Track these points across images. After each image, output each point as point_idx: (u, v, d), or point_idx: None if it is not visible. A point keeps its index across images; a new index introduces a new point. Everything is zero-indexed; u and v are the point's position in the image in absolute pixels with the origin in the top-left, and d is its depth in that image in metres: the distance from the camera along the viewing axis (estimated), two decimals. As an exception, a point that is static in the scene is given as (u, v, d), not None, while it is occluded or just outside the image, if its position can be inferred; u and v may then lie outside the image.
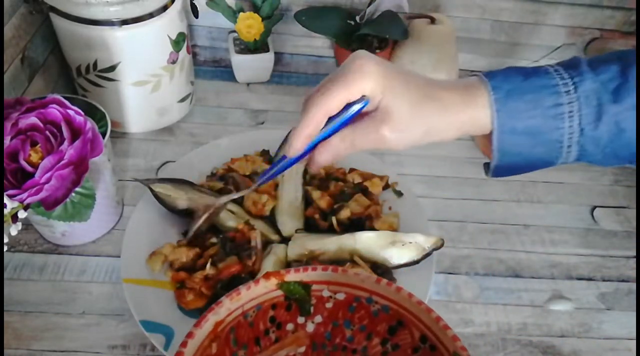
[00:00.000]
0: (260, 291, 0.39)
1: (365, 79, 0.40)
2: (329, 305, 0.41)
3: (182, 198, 0.61)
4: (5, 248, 0.48)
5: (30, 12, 0.66)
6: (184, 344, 0.35)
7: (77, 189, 0.52)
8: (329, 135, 0.42)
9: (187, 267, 0.58)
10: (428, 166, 0.77)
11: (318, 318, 0.42)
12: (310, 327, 0.42)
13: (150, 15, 0.66)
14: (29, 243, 0.62)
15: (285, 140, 0.70)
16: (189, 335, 0.35)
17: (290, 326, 0.42)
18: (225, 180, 0.66)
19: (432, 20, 0.79)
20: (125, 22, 0.64)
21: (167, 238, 0.61)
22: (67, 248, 0.62)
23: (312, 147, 0.43)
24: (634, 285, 0.65)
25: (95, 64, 0.68)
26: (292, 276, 0.39)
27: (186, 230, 0.62)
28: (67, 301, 0.57)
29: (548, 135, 0.40)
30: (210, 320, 0.37)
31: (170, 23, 0.69)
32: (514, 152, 0.41)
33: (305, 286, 0.40)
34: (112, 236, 0.63)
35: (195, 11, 0.77)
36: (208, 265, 0.56)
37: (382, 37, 0.82)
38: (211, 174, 0.68)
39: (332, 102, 0.40)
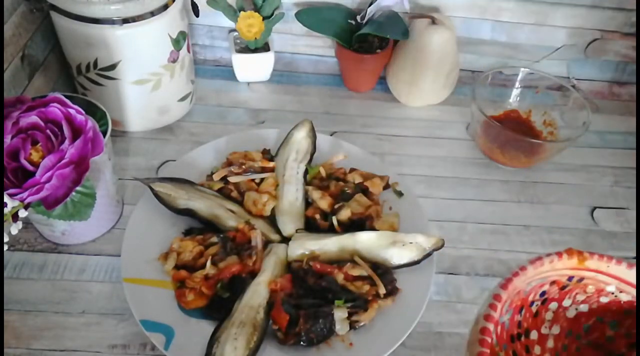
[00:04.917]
0: (558, 266, 0.37)
1: None
2: (603, 299, 0.38)
3: (182, 198, 0.61)
4: (5, 247, 0.48)
5: (31, 10, 0.66)
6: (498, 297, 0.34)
7: (78, 188, 0.51)
8: None
9: (188, 266, 0.58)
10: (428, 166, 0.77)
11: (583, 307, 0.39)
12: (571, 312, 0.39)
13: (151, 14, 0.66)
14: (28, 242, 0.62)
15: (285, 140, 0.70)
16: (504, 285, 0.34)
17: (553, 306, 0.39)
18: (225, 179, 0.65)
19: (433, 21, 0.79)
20: (126, 20, 0.64)
21: (167, 237, 0.60)
22: (67, 247, 0.62)
23: None
24: (633, 286, 0.65)
25: (95, 63, 0.68)
26: (593, 262, 0.37)
27: (186, 229, 0.62)
28: (67, 301, 0.57)
29: None
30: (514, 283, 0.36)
31: (171, 22, 0.69)
32: None
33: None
34: (112, 235, 0.63)
35: (196, 10, 0.77)
36: (208, 264, 0.56)
37: (382, 36, 0.82)
38: (211, 173, 0.68)
39: None
